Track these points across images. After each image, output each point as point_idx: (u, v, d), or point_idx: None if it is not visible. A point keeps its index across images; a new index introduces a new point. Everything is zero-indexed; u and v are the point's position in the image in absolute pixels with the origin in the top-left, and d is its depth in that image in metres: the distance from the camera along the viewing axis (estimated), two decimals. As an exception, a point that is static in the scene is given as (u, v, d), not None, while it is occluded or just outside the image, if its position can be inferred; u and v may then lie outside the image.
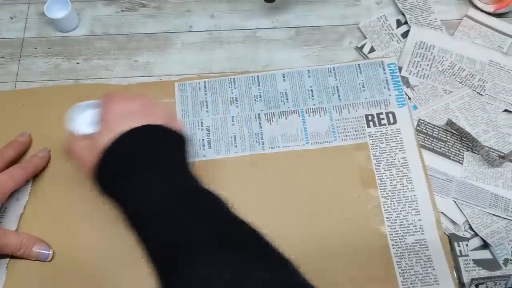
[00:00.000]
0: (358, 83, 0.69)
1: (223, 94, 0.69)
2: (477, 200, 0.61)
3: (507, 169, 0.63)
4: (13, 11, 0.78)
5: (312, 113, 0.67)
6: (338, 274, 0.58)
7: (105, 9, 0.77)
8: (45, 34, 0.75)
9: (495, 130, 0.66)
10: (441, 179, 0.63)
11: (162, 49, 0.74)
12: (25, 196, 0.63)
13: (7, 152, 0.62)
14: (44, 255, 0.58)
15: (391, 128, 0.66)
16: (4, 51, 0.74)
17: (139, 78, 0.71)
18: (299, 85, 0.69)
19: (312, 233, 0.60)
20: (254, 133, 0.66)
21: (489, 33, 0.73)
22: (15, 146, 0.63)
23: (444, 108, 0.67)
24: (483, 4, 0.74)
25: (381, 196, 0.62)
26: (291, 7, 0.77)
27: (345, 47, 0.73)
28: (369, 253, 0.59)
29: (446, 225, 0.61)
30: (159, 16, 0.77)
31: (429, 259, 0.58)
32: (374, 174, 0.63)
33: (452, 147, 0.65)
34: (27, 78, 0.72)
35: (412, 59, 0.71)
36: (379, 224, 0.60)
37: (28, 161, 0.63)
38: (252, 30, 0.75)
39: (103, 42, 0.75)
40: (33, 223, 0.61)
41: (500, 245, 0.59)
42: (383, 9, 0.76)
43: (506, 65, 0.70)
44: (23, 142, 0.65)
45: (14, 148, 0.63)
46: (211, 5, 0.77)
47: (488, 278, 0.57)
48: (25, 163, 0.62)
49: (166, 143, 0.49)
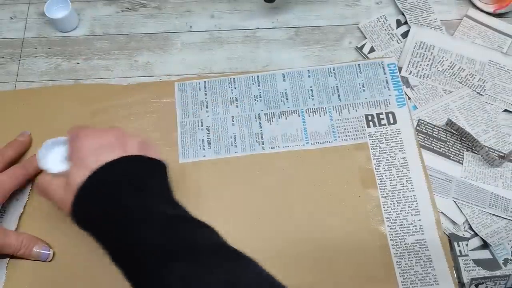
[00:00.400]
0: (358, 83, 0.69)
1: (223, 94, 0.69)
2: (477, 200, 0.61)
3: (507, 169, 0.63)
4: (13, 11, 0.78)
5: (312, 113, 0.67)
6: (338, 274, 0.58)
7: (105, 9, 0.77)
8: (45, 34, 0.75)
9: (495, 130, 0.66)
10: (441, 179, 0.63)
11: (162, 49, 0.74)
12: (25, 196, 0.62)
13: (7, 152, 0.62)
14: (44, 255, 0.58)
15: (391, 128, 0.66)
16: (4, 51, 0.74)
17: (139, 78, 0.71)
18: (299, 85, 0.69)
19: (312, 233, 0.60)
20: (254, 133, 0.66)
21: (489, 33, 0.73)
22: (15, 146, 0.63)
23: (444, 108, 0.67)
24: (483, 4, 0.74)
25: (381, 196, 0.62)
26: (291, 7, 0.77)
27: (345, 47, 0.73)
28: (369, 253, 0.59)
29: (446, 225, 0.61)
30: (159, 16, 0.77)
31: (429, 259, 0.58)
32: (374, 174, 0.63)
33: (452, 147, 0.65)
34: (27, 78, 0.72)
35: (412, 59, 0.71)
36: (379, 224, 0.60)
37: (28, 161, 0.63)
38: (252, 30, 0.75)
39: (103, 42, 0.75)
40: (33, 223, 0.61)
41: (500, 245, 0.59)
42: (383, 9, 0.76)
43: (506, 65, 0.70)
44: (23, 142, 0.64)
45: (14, 148, 0.63)
46: (211, 5, 0.77)
47: (488, 278, 0.57)
48: (25, 163, 0.62)
49: (144, 173, 0.47)
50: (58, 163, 0.51)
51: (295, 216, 0.61)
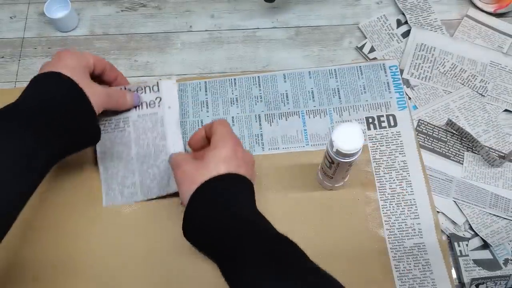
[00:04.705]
0: (359, 85, 0.69)
1: (224, 94, 0.69)
2: (477, 200, 0.62)
3: (507, 169, 0.64)
4: (13, 11, 0.77)
5: (312, 114, 0.67)
6: (335, 277, 0.58)
7: (105, 9, 0.77)
8: (45, 34, 0.75)
9: (495, 130, 0.66)
10: (441, 179, 0.63)
11: (162, 49, 0.74)
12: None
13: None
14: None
15: (392, 131, 0.66)
16: (4, 51, 0.74)
17: (139, 78, 0.71)
18: (300, 87, 0.69)
19: (310, 235, 0.60)
20: (254, 134, 0.66)
21: (489, 33, 0.73)
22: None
23: (444, 108, 0.67)
24: (483, 4, 0.74)
25: (380, 199, 0.62)
26: (291, 7, 0.77)
27: (345, 47, 0.73)
28: (367, 256, 0.59)
29: (446, 225, 0.61)
30: (159, 16, 0.76)
31: (427, 263, 0.58)
32: (373, 176, 0.63)
33: (452, 147, 0.65)
34: (27, 78, 0.71)
35: (413, 62, 0.70)
36: (378, 227, 0.60)
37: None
38: (252, 30, 0.75)
39: (103, 42, 0.74)
40: (38, 227, 0.61)
41: (500, 245, 0.59)
42: (383, 9, 0.76)
43: (507, 65, 0.70)
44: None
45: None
46: (211, 5, 0.77)
47: (488, 278, 0.57)
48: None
49: (248, 195, 0.52)
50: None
51: (293, 218, 0.61)
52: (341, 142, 0.50)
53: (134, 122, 0.64)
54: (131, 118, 0.64)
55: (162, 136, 0.63)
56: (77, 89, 0.53)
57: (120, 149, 0.63)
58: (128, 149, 0.63)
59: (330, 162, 0.54)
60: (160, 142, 0.63)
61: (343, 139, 0.50)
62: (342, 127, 0.50)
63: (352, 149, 0.50)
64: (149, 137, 0.63)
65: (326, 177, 0.59)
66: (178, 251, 0.59)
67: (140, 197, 0.62)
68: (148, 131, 0.63)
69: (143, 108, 0.64)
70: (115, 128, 0.64)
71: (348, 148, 0.50)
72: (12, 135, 0.48)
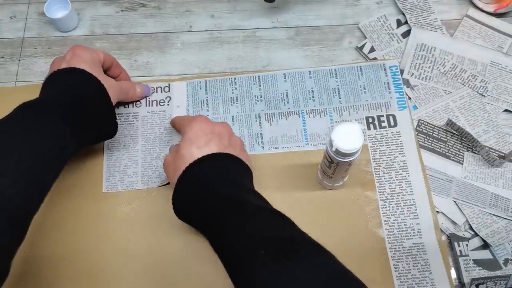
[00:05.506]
0: (359, 85, 0.69)
1: (224, 94, 0.69)
2: (477, 200, 0.61)
3: (507, 169, 0.63)
4: (13, 11, 0.77)
5: (312, 114, 0.67)
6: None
7: (105, 9, 0.77)
8: (45, 34, 0.75)
9: (495, 130, 0.66)
10: (441, 179, 0.63)
11: (162, 49, 0.74)
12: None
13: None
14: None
15: (392, 131, 0.66)
16: (4, 51, 0.74)
17: (139, 78, 0.71)
18: (300, 86, 0.69)
19: (310, 234, 0.59)
20: (254, 134, 0.66)
21: (489, 33, 0.73)
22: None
23: (444, 108, 0.67)
24: (484, 4, 0.74)
25: (379, 199, 0.62)
26: (291, 7, 0.77)
27: (345, 47, 0.73)
28: (367, 256, 0.59)
29: (446, 225, 0.61)
30: (159, 16, 0.76)
31: (426, 263, 0.58)
32: (373, 176, 0.63)
33: (452, 147, 0.65)
34: (27, 78, 0.72)
35: (413, 62, 0.70)
36: (377, 227, 0.60)
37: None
38: (252, 30, 0.75)
39: (103, 42, 0.74)
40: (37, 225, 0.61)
41: (500, 245, 0.59)
42: (383, 9, 0.76)
43: (508, 65, 0.70)
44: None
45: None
46: (211, 5, 0.77)
47: (488, 278, 0.57)
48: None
49: (244, 174, 0.54)
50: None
51: (293, 217, 0.61)
52: (341, 141, 0.50)
53: (143, 117, 0.67)
54: (141, 114, 0.68)
55: (169, 132, 0.66)
56: (99, 84, 0.57)
57: (127, 140, 0.66)
58: (134, 142, 0.66)
59: (329, 161, 0.54)
60: (166, 138, 0.66)
61: (343, 138, 0.50)
62: (342, 127, 0.50)
63: (351, 148, 0.50)
64: (155, 132, 0.66)
65: (325, 177, 0.59)
66: (180, 250, 0.59)
67: (140, 186, 0.64)
68: (156, 126, 0.67)
69: (152, 106, 0.68)
70: (124, 121, 0.67)
71: (347, 148, 0.50)
72: (51, 128, 0.52)
